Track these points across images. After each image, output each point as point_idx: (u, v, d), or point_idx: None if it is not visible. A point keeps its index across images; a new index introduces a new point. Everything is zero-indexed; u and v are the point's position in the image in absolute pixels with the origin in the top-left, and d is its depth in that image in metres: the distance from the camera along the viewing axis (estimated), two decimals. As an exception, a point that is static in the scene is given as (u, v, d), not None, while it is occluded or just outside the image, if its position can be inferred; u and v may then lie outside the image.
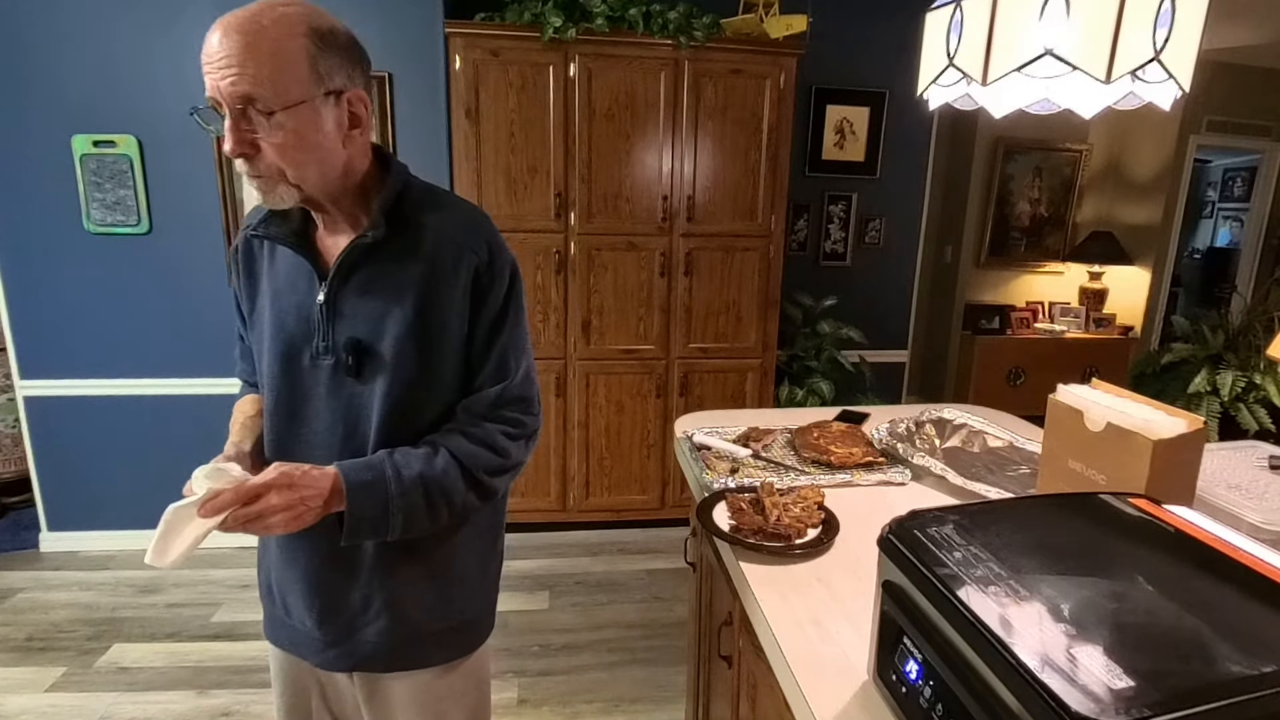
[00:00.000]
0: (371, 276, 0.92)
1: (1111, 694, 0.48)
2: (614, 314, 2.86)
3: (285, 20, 0.81)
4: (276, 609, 1.06)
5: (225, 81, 0.79)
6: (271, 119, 0.81)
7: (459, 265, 0.93)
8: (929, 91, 1.26)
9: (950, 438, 1.52)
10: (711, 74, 2.70)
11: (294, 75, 0.81)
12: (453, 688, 1.06)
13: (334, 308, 0.93)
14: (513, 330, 0.99)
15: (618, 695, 2.09)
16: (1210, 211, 6.61)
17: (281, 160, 0.84)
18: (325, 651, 1.01)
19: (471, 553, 1.05)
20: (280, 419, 0.97)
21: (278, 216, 0.96)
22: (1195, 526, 0.72)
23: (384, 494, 0.88)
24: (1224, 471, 1.20)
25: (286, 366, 0.95)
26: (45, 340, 2.66)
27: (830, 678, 0.79)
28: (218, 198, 2.62)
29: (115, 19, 2.45)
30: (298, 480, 0.83)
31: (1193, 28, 1.01)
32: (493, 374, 0.98)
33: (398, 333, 0.91)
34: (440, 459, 0.92)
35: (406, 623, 1.00)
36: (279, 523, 0.81)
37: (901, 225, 3.54)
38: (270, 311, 0.97)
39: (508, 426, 0.98)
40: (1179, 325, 3.88)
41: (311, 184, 0.88)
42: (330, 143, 0.87)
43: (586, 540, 3.00)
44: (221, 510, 0.78)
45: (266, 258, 1.00)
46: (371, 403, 0.93)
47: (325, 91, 0.84)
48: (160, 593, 2.56)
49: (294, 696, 1.10)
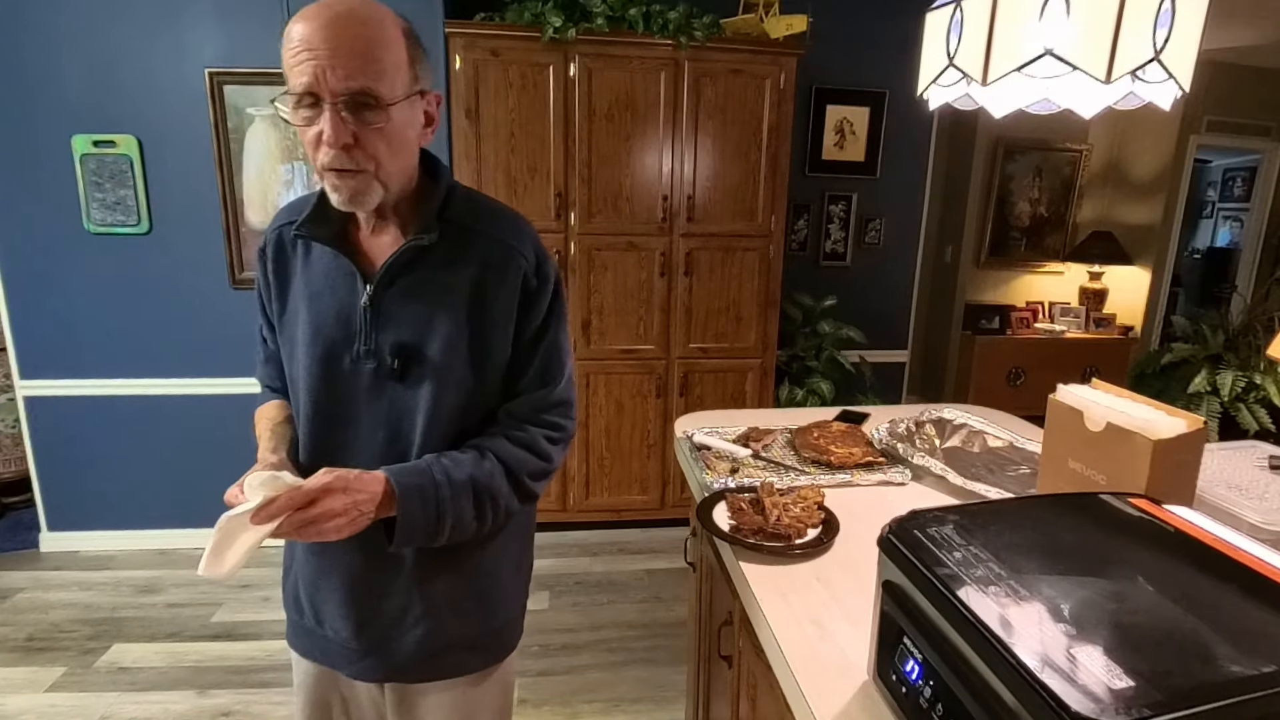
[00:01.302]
0: (419, 280, 0.91)
1: (1111, 694, 0.48)
2: (614, 314, 2.86)
3: (385, 18, 0.82)
4: (305, 619, 1.03)
5: (335, 73, 0.78)
6: (381, 113, 0.81)
7: (508, 270, 0.92)
8: (929, 91, 1.26)
9: (950, 438, 1.52)
10: (711, 74, 2.70)
11: (400, 71, 0.82)
12: (484, 694, 1.05)
13: (378, 310, 0.91)
14: (557, 334, 0.98)
15: (618, 695, 2.09)
16: (1210, 211, 6.61)
17: (381, 154, 0.83)
18: (359, 661, 0.99)
19: (507, 557, 1.04)
20: (318, 424, 0.95)
21: (319, 216, 0.93)
22: (1195, 526, 0.72)
23: (434, 499, 0.87)
24: (1224, 471, 1.20)
25: (326, 370, 0.93)
26: (45, 340, 2.66)
27: (830, 678, 0.79)
28: (218, 198, 2.62)
29: (115, 19, 2.45)
30: (352, 484, 0.81)
31: (1193, 28, 1.01)
32: (537, 378, 0.97)
33: (447, 337, 0.90)
34: (488, 463, 0.91)
35: (444, 629, 0.98)
36: (334, 528, 0.79)
37: (901, 225, 3.53)
38: (307, 313, 0.94)
39: (550, 430, 0.98)
40: (1179, 325, 3.88)
41: (395, 183, 0.88)
42: (414, 142, 0.88)
43: (586, 540, 2.99)
44: (276, 516, 0.76)
45: (301, 257, 0.97)
46: (416, 407, 0.92)
47: (418, 90, 0.86)
48: (160, 593, 2.56)
49: (316, 710, 1.08)
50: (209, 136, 2.57)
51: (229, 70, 2.52)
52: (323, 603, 1.00)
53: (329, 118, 0.79)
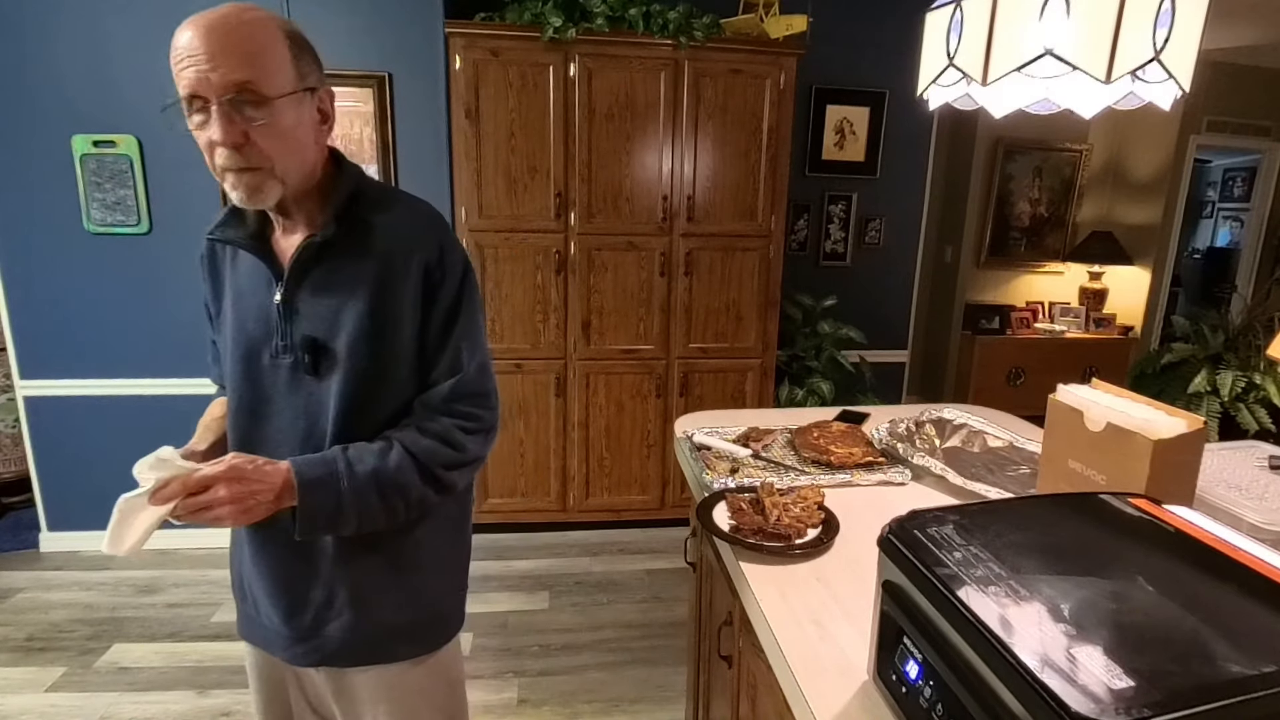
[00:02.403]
0: (325, 276, 0.94)
1: (1111, 694, 0.48)
2: (614, 314, 2.85)
3: (262, 20, 0.85)
4: (248, 606, 1.08)
5: (215, 73, 0.81)
6: (266, 107, 0.83)
7: (409, 263, 0.94)
8: (929, 91, 1.26)
9: (950, 438, 1.52)
10: (711, 74, 2.70)
11: (281, 68, 0.85)
12: (420, 684, 1.07)
13: (291, 307, 0.94)
14: (466, 325, 1.00)
15: (618, 695, 2.09)
16: (1210, 211, 6.61)
17: (273, 150, 0.86)
18: (292, 648, 1.02)
19: (435, 546, 1.05)
20: (243, 418, 0.99)
21: (235, 220, 0.98)
22: (1195, 526, 0.72)
23: (336, 489, 0.89)
24: (1224, 471, 1.20)
25: (248, 366, 0.97)
26: (45, 340, 2.66)
27: (830, 677, 0.79)
28: (218, 198, 2.62)
29: (115, 19, 2.45)
30: (248, 474, 0.84)
31: (1193, 28, 1.01)
32: (447, 369, 0.99)
33: (351, 330, 0.93)
34: (395, 454, 0.93)
35: (370, 617, 1.00)
36: (227, 514, 0.82)
37: (901, 225, 3.53)
38: (232, 313, 0.99)
39: (464, 421, 0.99)
40: (1179, 325, 3.88)
41: (293, 179, 0.90)
42: (307, 138, 0.90)
43: (586, 540, 2.99)
44: (170, 499, 0.80)
45: (229, 261, 1.01)
46: (328, 400, 0.94)
47: (305, 87, 0.88)
48: (160, 593, 2.56)
49: (270, 692, 1.11)
50: (209, 136, 2.57)
51: (229, 70, 2.52)
52: (257, 590, 1.03)
53: (217, 118, 0.83)
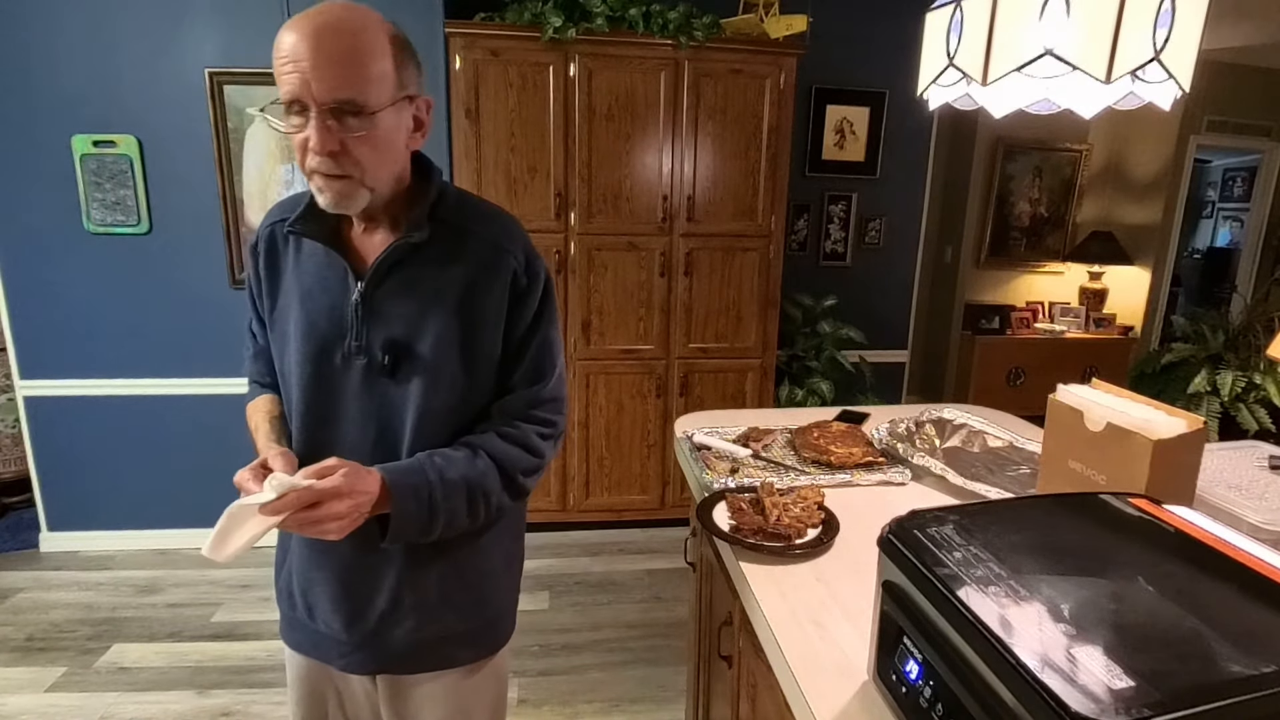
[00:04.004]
0: (411, 277, 0.93)
1: (1111, 694, 0.48)
2: (614, 314, 2.85)
3: (369, 26, 0.82)
4: (298, 613, 1.04)
5: (319, 82, 0.79)
6: (366, 118, 0.82)
7: (499, 269, 0.94)
8: (929, 91, 1.26)
9: (950, 438, 1.52)
10: (711, 74, 2.70)
11: (384, 78, 0.83)
12: (477, 687, 1.06)
13: (370, 307, 0.92)
14: (548, 331, 1.00)
15: (618, 695, 2.09)
16: (1210, 211, 6.61)
17: (366, 160, 0.85)
18: (351, 654, 1.01)
19: (498, 551, 1.05)
20: (310, 419, 0.96)
21: (312, 214, 0.94)
22: (1195, 526, 0.72)
23: (428, 497, 0.88)
24: (1224, 471, 1.20)
25: (317, 367, 0.94)
26: (45, 340, 2.65)
27: (830, 678, 0.79)
28: (218, 198, 2.62)
29: (115, 19, 2.45)
30: (356, 486, 0.83)
31: (1193, 28, 1.01)
32: (528, 375, 0.98)
33: (438, 334, 0.92)
34: (481, 461, 0.93)
35: (435, 622, 0.99)
36: (336, 529, 0.81)
37: (901, 225, 3.53)
38: (298, 310, 0.95)
39: (541, 427, 0.99)
40: (1179, 325, 3.87)
41: (383, 186, 0.89)
42: (401, 145, 0.89)
43: (586, 540, 2.99)
44: (283, 511, 0.78)
45: (292, 254, 0.98)
46: (406, 404, 0.93)
47: (405, 96, 0.87)
48: (160, 593, 2.56)
49: (311, 704, 1.09)
50: (209, 136, 2.57)
51: (229, 70, 2.52)
52: (315, 596, 1.01)
53: (315, 126, 0.81)
